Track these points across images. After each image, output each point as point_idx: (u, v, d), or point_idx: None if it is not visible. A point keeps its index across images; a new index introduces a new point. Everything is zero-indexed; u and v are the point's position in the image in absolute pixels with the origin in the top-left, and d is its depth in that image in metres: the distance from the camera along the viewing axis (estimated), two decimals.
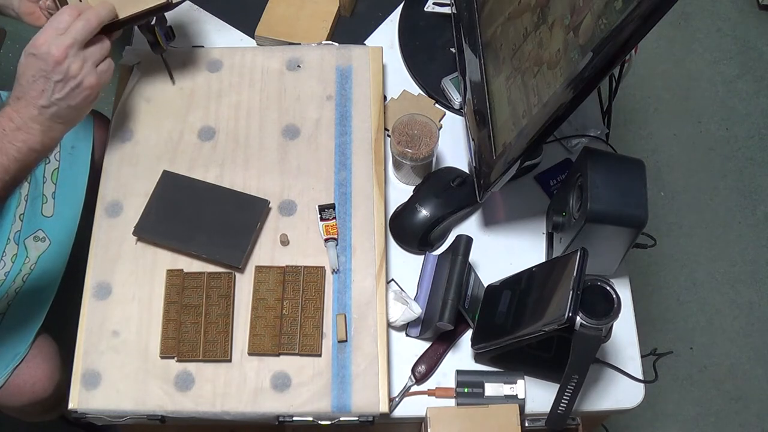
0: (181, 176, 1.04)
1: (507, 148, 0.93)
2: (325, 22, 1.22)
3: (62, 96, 0.86)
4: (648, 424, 1.75)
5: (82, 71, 0.87)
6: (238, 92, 1.11)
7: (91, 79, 0.88)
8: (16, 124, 0.86)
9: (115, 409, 0.93)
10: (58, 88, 0.86)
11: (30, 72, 0.85)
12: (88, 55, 0.88)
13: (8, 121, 0.86)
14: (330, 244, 1.00)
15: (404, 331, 1.02)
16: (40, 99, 0.85)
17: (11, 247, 1.13)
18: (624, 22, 0.72)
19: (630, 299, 1.04)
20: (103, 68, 0.89)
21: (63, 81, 0.86)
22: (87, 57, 0.87)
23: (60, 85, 0.86)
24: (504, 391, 0.96)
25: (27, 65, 0.85)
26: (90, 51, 0.88)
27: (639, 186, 0.91)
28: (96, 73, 0.88)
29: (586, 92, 0.81)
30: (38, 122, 0.86)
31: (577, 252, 0.87)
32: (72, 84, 0.86)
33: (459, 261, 0.97)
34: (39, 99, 0.85)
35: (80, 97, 0.88)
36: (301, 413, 0.93)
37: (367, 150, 1.07)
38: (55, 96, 0.86)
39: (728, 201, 1.98)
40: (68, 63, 0.85)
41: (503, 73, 0.98)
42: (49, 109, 0.86)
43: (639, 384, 1.00)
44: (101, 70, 0.89)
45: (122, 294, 0.98)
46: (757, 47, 2.17)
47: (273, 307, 0.97)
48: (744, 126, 2.07)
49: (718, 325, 1.85)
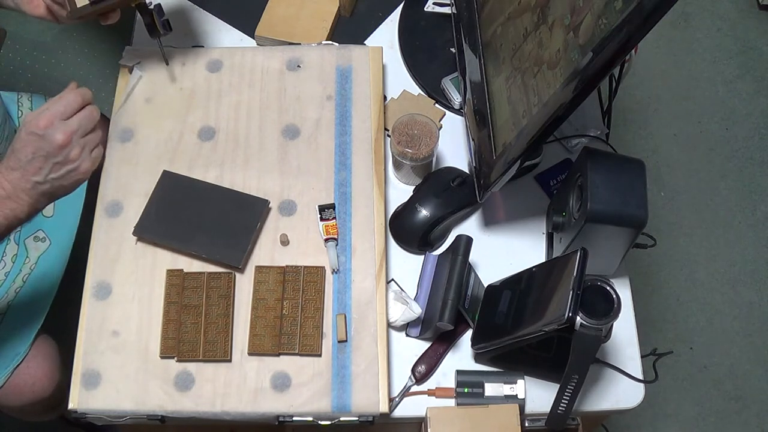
0: (181, 176, 1.05)
1: (507, 148, 0.93)
2: (325, 22, 1.22)
3: (57, 176, 0.90)
4: (648, 424, 1.75)
5: (80, 157, 0.90)
6: (238, 92, 1.11)
7: (87, 164, 0.91)
8: (6, 192, 0.89)
9: (115, 409, 0.93)
10: (56, 169, 0.89)
11: (30, 149, 0.88)
12: (87, 141, 0.91)
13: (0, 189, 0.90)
14: (330, 244, 1.00)
15: (404, 331, 1.02)
16: (37, 175, 0.89)
17: (11, 247, 1.13)
18: (624, 22, 0.72)
19: (630, 299, 1.04)
20: (96, 155, 0.93)
21: (62, 164, 0.89)
22: (85, 143, 0.91)
23: (58, 167, 0.89)
24: (504, 391, 0.96)
25: (28, 143, 0.88)
26: (89, 138, 0.91)
27: (639, 186, 0.91)
28: (90, 159, 0.92)
29: (586, 92, 0.81)
30: (29, 195, 0.90)
31: (577, 252, 0.87)
32: (69, 167, 0.90)
33: (459, 261, 0.97)
34: (35, 175, 0.88)
35: (73, 180, 0.91)
36: (301, 413, 0.93)
37: (367, 150, 1.07)
38: (51, 175, 0.89)
39: (728, 201, 1.98)
40: (70, 148, 0.89)
41: (503, 73, 0.98)
42: (42, 186, 0.89)
43: (639, 384, 1.00)
44: (94, 156, 0.93)
45: (122, 294, 0.98)
46: (757, 47, 2.17)
47: (273, 307, 0.97)
48: (744, 126, 2.07)
49: (718, 325, 1.85)
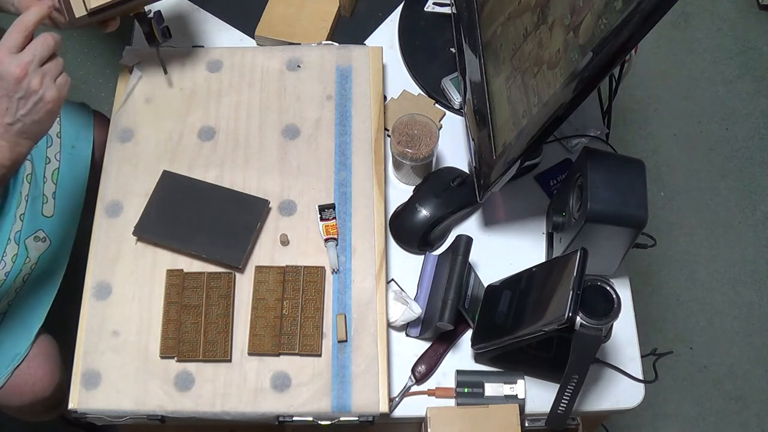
0: (181, 176, 1.05)
1: (507, 148, 0.93)
2: (325, 22, 1.22)
3: (26, 112, 0.88)
4: (648, 424, 1.75)
5: (42, 86, 0.88)
6: (238, 92, 1.11)
7: (52, 92, 0.89)
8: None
9: (115, 409, 0.93)
10: (21, 105, 0.88)
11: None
12: (46, 70, 0.89)
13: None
14: (330, 244, 1.00)
15: (404, 331, 1.02)
16: (5, 117, 0.87)
17: (12, 247, 1.13)
18: (624, 22, 0.72)
19: (630, 299, 1.04)
20: (62, 81, 0.91)
21: (25, 97, 0.87)
22: (45, 72, 0.89)
23: (23, 102, 0.88)
24: (504, 391, 0.96)
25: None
26: (47, 66, 0.90)
27: (639, 186, 0.91)
28: (56, 87, 0.90)
29: (586, 92, 0.81)
30: (5, 139, 0.88)
31: (577, 252, 0.87)
32: (34, 99, 0.88)
33: (459, 261, 0.97)
34: (4, 117, 0.87)
35: (43, 112, 0.89)
36: (301, 413, 0.93)
37: (367, 150, 1.07)
38: (19, 113, 0.88)
39: (728, 201, 1.98)
40: (28, 79, 0.87)
41: (503, 73, 0.98)
42: (14, 126, 0.88)
43: (639, 384, 1.00)
44: (60, 84, 0.91)
45: (122, 294, 0.98)
46: (757, 47, 2.17)
47: (273, 307, 0.97)
48: (744, 126, 2.07)
49: (718, 325, 1.85)
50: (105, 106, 1.36)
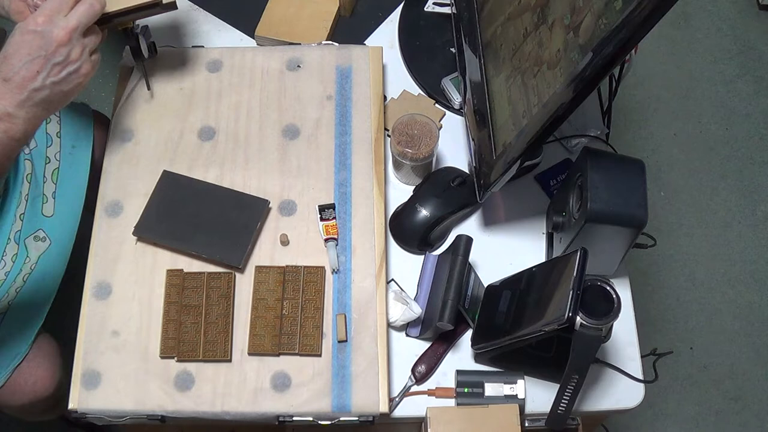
0: (181, 176, 1.05)
1: (507, 148, 0.93)
2: (325, 22, 1.22)
3: (57, 80, 0.83)
4: (648, 424, 1.75)
5: (81, 57, 0.84)
6: (238, 92, 1.11)
7: (87, 66, 0.85)
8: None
9: (115, 409, 0.93)
10: (55, 71, 0.82)
11: (26, 50, 0.80)
12: (87, 42, 0.85)
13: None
14: (330, 244, 1.00)
15: (404, 331, 1.02)
16: (34, 81, 0.81)
17: (12, 247, 1.13)
18: (624, 22, 0.72)
19: (630, 299, 1.04)
20: (95, 58, 0.86)
21: (62, 64, 0.82)
22: (86, 44, 0.85)
23: (57, 69, 0.82)
24: (504, 391, 0.96)
25: (23, 43, 0.80)
26: (89, 39, 0.85)
27: (639, 186, 0.91)
28: (90, 62, 0.85)
29: (586, 92, 0.81)
30: (24, 108, 0.82)
31: (577, 252, 0.87)
32: (70, 69, 0.83)
33: (459, 261, 0.97)
34: (32, 81, 0.81)
35: (73, 84, 0.85)
36: (301, 413, 0.93)
37: (367, 150, 1.07)
38: (50, 79, 0.82)
39: (728, 201, 1.98)
40: (70, 47, 0.82)
41: (503, 73, 0.98)
42: (39, 93, 0.82)
43: (639, 384, 1.00)
44: (94, 60, 0.86)
45: (122, 294, 0.98)
46: (757, 47, 2.17)
47: (273, 307, 0.97)
48: (744, 126, 2.07)
49: (718, 325, 1.85)
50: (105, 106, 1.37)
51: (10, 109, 0.81)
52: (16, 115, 0.82)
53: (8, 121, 0.81)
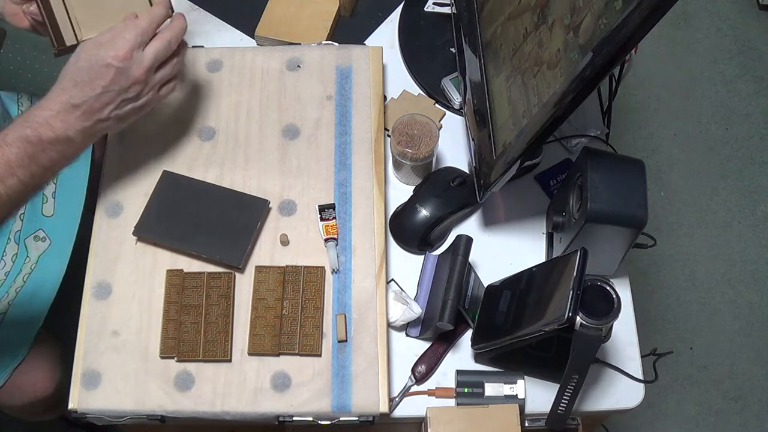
0: (181, 176, 1.05)
1: (507, 148, 0.93)
2: (325, 22, 1.22)
3: (122, 114, 0.82)
4: (648, 424, 1.75)
5: (149, 94, 0.83)
6: (238, 92, 1.11)
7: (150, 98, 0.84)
8: (56, 134, 0.80)
9: (115, 409, 0.93)
10: (122, 105, 0.82)
11: (101, 82, 0.79)
12: (160, 78, 0.84)
13: (48, 130, 0.80)
14: (330, 244, 1.00)
15: (404, 331, 1.02)
16: (101, 113, 0.81)
17: (11, 247, 1.13)
18: (624, 22, 0.72)
19: (630, 299, 1.04)
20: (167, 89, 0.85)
21: (131, 101, 0.82)
22: (159, 80, 0.84)
23: (125, 104, 0.82)
24: (504, 391, 0.96)
25: (100, 74, 0.79)
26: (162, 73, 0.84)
27: (639, 186, 0.91)
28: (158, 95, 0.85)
29: (586, 92, 0.81)
30: (84, 134, 0.81)
31: (577, 252, 0.87)
32: (135, 104, 0.83)
33: (459, 261, 0.97)
34: (100, 112, 0.81)
35: (133, 117, 0.84)
36: (301, 413, 0.93)
37: (367, 150, 1.07)
38: (115, 112, 0.82)
39: (728, 201, 1.98)
40: (143, 85, 0.82)
41: (503, 73, 0.98)
42: (103, 124, 0.82)
43: (639, 384, 1.00)
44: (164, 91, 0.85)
45: (122, 294, 0.98)
46: (757, 47, 2.17)
47: (273, 307, 0.97)
48: (744, 126, 2.07)
49: (718, 325, 1.85)
50: None
51: (72, 133, 0.81)
52: (75, 139, 0.82)
53: (67, 144, 0.81)
